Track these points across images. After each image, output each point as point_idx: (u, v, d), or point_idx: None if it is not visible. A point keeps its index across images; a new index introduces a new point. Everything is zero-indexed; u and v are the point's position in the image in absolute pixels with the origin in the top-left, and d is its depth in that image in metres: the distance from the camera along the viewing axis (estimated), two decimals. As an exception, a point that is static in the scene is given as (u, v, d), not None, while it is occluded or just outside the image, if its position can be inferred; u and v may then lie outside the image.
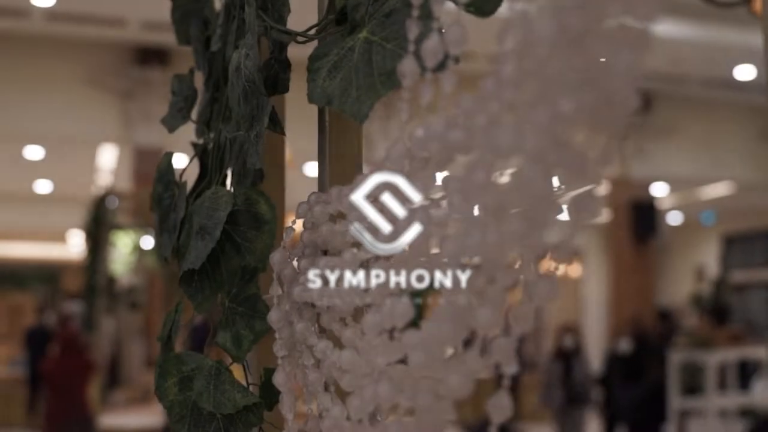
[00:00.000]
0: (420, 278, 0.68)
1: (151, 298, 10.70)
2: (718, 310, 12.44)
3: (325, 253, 0.94)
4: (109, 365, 9.39)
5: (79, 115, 11.66)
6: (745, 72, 12.17)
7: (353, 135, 1.00)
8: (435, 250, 0.67)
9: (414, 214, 0.68)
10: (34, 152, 13.53)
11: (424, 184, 0.68)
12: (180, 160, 1.25)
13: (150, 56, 11.88)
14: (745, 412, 8.97)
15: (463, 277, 0.59)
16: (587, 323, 19.19)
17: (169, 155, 1.26)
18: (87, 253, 10.06)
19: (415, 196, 0.72)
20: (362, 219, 0.84)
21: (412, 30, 0.73)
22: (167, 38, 11.41)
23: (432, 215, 0.67)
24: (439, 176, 0.70)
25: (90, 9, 10.66)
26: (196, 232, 1.05)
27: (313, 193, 0.95)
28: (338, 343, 0.87)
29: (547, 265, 0.56)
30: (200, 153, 1.25)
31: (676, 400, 9.16)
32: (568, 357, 9.92)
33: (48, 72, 11.60)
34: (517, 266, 0.57)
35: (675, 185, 15.65)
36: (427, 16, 0.76)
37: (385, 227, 0.74)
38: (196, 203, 1.09)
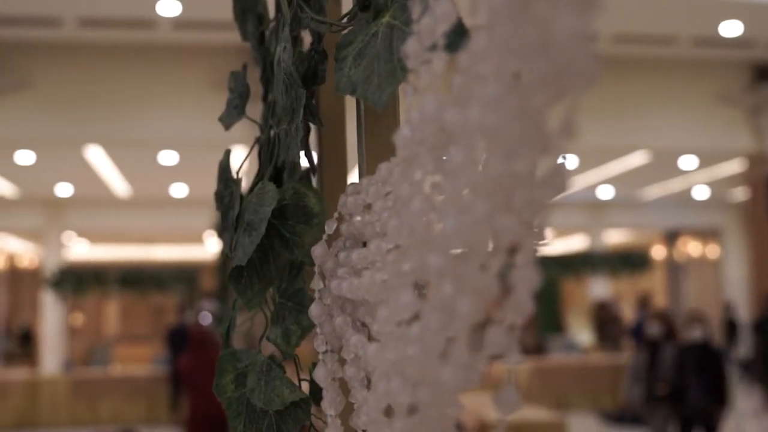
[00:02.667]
0: (421, 267, 0.66)
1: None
2: None
3: (365, 244, 0.92)
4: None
5: (208, 118, 11.89)
6: None
7: (390, 123, 0.97)
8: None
9: (414, 200, 0.65)
10: (168, 157, 13.97)
11: (422, 168, 0.65)
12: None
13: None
14: None
15: (448, 265, 0.56)
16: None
17: (228, 152, 1.26)
18: (219, 252, 10.32)
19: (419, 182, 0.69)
20: (387, 208, 0.82)
21: (416, 9, 0.70)
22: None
23: (431, 201, 0.64)
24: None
25: (213, 15, 10.92)
26: (244, 228, 1.05)
27: (351, 183, 0.94)
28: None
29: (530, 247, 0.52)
30: (259, 149, 1.25)
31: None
32: (655, 347, 8.57)
33: (177, 78, 11.98)
34: (498, 251, 0.54)
35: (816, 158, 14.93)
36: (430, -7, 0.73)
37: (392, 216, 0.71)
38: (247, 199, 1.09)
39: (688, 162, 15.46)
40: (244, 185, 1.20)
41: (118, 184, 16.29)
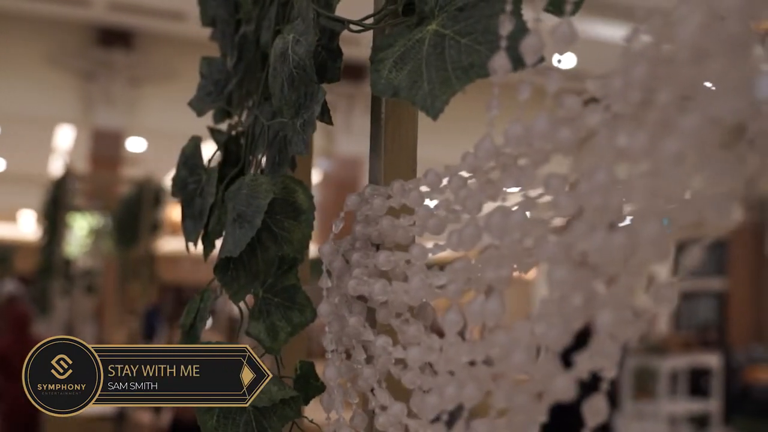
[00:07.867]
0: (507, 277, 0.67)
1: (105, 282, 10.56)
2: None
3: (377, 247, 0.93)
4: (61, 349, 9.20)
5: (37, 94, 11.45)
6: None
7: (409, 128, 0.98)
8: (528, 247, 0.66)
9: (509, 212, 0.67)
10: (-12, 129, 13.29)
11: (522, 181, 0.67)
12: (139, 144, 1.23)
13: (113, 38, 11.67)
14: (694, 419, 9.14)
15: (576, 277, 0.58)
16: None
17: (196, 139, 1.23)
18: (43, 234, 9.89)
19: (507, 194, 0.71)
20: (431, 215, 0.83)
21: (506, 26, 0.72)
22: (132, 20, 10.95)
23: (530, 215, 0.66)
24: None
25: (54, -14, 10.46)
26: (233, 219, 1.03)
27: (368, 185, 0.94)
28: (394, 339, 0.86)
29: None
30: (225, 139, 1.23)
31: (628, 405, 9.27)
32: None
33: (7, 50, 11.38)
34: (635, 269, 0.56)
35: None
36: (517, 13, 0.76)
37: (469, 224, 0.73)
38: (231, 189, 1.07)
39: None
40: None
41: (-71, 152, 15.36)
